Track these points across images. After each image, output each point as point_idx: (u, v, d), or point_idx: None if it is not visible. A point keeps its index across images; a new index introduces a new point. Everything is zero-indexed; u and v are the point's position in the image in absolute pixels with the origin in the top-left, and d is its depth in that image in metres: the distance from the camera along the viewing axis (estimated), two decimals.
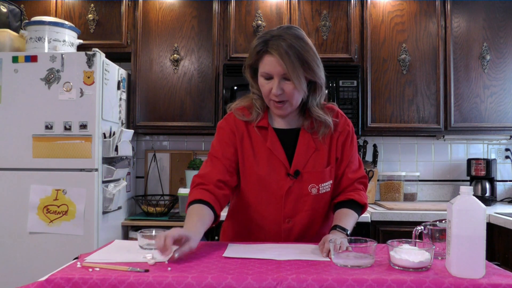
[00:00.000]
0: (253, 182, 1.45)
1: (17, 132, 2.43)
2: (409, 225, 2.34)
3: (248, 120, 1.46)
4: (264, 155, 1.44)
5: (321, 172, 1.43)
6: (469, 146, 3.25)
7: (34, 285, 1.01)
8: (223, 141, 1.47)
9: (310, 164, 1.43)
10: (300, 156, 1.43)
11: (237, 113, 1.47)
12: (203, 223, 1.33)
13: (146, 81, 2.95)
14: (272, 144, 1.43)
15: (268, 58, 1.35)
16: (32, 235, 2.40)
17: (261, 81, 1.40)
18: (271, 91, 1.36)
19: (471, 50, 2.92)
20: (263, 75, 1.38)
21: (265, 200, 1.44)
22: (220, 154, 1.46)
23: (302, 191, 1.42)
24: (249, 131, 1.46)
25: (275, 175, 1.42)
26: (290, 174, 1.41)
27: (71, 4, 3.00)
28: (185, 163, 3.16)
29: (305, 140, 1.44)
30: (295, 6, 2.94)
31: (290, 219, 1.44)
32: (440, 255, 1.20)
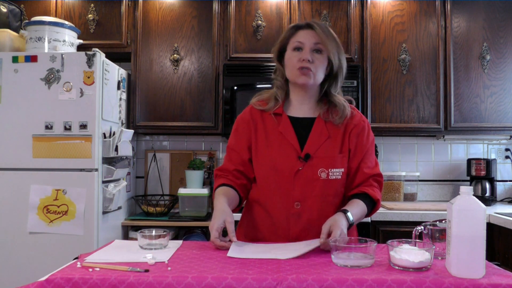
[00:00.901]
0: (264, 167, 1.50)
1: (17, 132, 2.43)
2: (409, 225, 2.34)
3: (265, 109, 1.54)
4: (276, 139, 1.50)
5: (332, 157, 1.46)
6: (469, 146, 3.25)
7: (34, 285, 1.01)
8: (238, 133, 1.57)
9: (322, 150, 1.47)
10: (312, 141, 1.47)
11: (255, 104, 1.57)
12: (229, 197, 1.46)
13: (146, 81, 2.95)
14: (284, 128, 1.49)
15: (303, 31, 1.49)
16: (32, 235, 2.40)
17: (290, 54, 1.50)
18: (299, 60, 1.46)
19: (471, 50, 2.92)
20: (295, 45, 1.48)
21: (275, 183, 1.47)
22: (235, 146, 1.57)
23: (311, 175, 1.45)
24: (264, 118, 1.54)
25: (285, 158, 1.46)
26: (301, 157, 1.45)
27: (71, 4, 3.00)
28: (185, 163, 3.16)
29: (319, 127, 1.50)
30: (295, 6, 2.94)
31: (299, 203, 1.45)
32: (440, 255, 1.20)
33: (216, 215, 1.37)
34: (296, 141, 1.47)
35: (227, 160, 1.58)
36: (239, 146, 1.55)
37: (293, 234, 1.46)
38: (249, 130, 1.54)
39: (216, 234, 1.32)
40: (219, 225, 1.33)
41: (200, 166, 2.89)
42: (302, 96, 1.54)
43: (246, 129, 1.55)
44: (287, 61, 1.51)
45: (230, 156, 1.57)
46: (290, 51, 1.50)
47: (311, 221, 1.45)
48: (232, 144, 1.58)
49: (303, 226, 1.45)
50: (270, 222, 1.49)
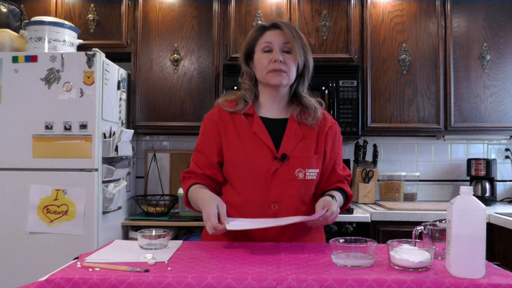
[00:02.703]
0: (239, 168, 1.46)
1: (17, 132, 2.43)
2: (409, 225, 2.34)
3: (234, 111, 1.50)
4: (250, 140, 1.47)
5: (308, 157, 1.47)
6: (469, 146, 3.25)
7: (34, 285, 1.01)
8: (206, 135, 1.53)
9: (298, 150, 1.46)
10: (287, 141, 1.47)
11: (224, 105, 1.53)
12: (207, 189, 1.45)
13: (146, 81, 2.95)
14: (258, 129, 1.47)
15: (271, 31, 1.49)
16: (32, 235, 2.40)
17: (260, 56, 1.48)
18: (270, 61, 1.45)
19: (471, 50, 2.92)
20: (264, 46, 1.47)
21: (251, 185, 1.44)
22: (202, 148, 1.53)
23: (288, 175, 1.44)
24: (234, 120, 1.50)
25: (261, 158, 1.44)
26: (277, 158, 1.44)
27: (71, 4, 3.00)
28: (185, 163, 3.16)
29: (293, 128, 1.49)
30: (295, 6, 2.94)
31: (275, 204, 1.43)
32: (440, 255, 1.20)
33: (206, 204, 1.34)
34: (270, 142, 1.45)
35: (194, 163, 1.53)
36: (207, 148, 1.51)
37: (271, 236, 1.43)
38: (218, 132, 1.50)
39: (216, 220, 1.28)
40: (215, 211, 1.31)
41: None
42: (273, 97, 1.52)
43: (214, 131, 1.50)
44: (258, 63, 1.49)
45: (197, 159, 1.53)
46: (260, 53, 1.48)
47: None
48: (200, 146, 1.54)
49: (281, 227, 1.42)
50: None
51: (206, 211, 1.32)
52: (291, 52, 1.47)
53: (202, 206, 1.37)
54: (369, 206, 2.81)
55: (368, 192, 2.97)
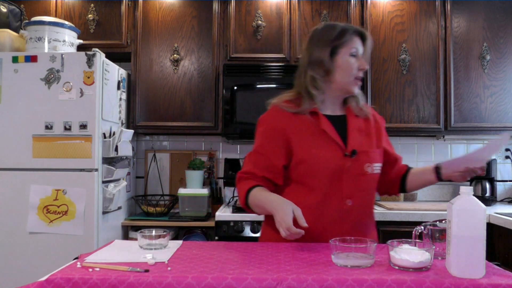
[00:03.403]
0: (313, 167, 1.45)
1: (17, 132, 2.43)
2: (409, 225, 2.33)
3: (298, 111, 1.49)
4: (319, 138, 1.47)
5: (373, 152, 1.51)
6: (469, 146, 3.25)
7: (34, 285, 1.01)
8: (268, 137, 1.50)
9: (363, 145, 1.49)
10: (353, 137, 1.49)
11: (284, 106, 1.51)
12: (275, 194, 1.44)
13: (146, 81, 2.95)
14: (326, 126, 1.48)
15: (357, 38, 1.52)
16: (32, 235, 2.40)
17: (348, 59, 1.50)
18: (359, 69, 1.49)
19: (471, 50, 2.92)
20: (353, 51, 1.50)
21: (326, 183, 1.44)
22: (265, 151, 1.49)
23: (359, 170, 1.47)
24: (299, 119, 1.49)
25: (333, 155, 1.45)
26: (348, 154, 1.45)
27: (71, 4, 3.00)
28: (185, 163, 3.16)
29: (354, 124, 1.52)
30: (295, 6, 2.94)
31: (350, 200, 1.46)
32: (440, 255, 1.20)
33: (280, 207, 1.32)
34: (339, 139, 1.47)
35: (253, 164, 1.50)
36: (272, 151, 1.48)
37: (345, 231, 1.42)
38: (284, 134, 1.47)
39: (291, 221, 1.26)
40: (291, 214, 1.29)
41: (200, 166, 2.89)
42: (338, 97, 1.55)
43: (279, 133, 1.48)
44: (345, 65, 1.48)
45: (256, 161, 1.50)
46: (348, 56, 1.49)
47: (360, 216, 1.48)
48: (261, 148, 1.50)
49: (353, 222, 1.46)
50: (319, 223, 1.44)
51: (280, 214, 1.30)
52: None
53: (273, 209, 1.35)
54: None
55: None
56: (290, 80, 2.90)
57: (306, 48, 1.55)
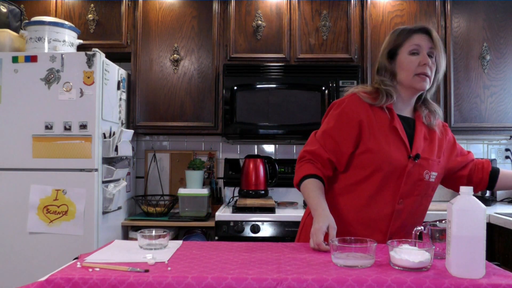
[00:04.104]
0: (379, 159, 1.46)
1: (17, 132, 2.43)
2: None
3: (375, 103, 1.50)
4: (390, 134, 1.49)
5: (433, 160, 1.52)
6: (469, 146, 3.25)
7: (34, 285, 1.01)
8: (343, 122, 1.50)
9: (425, 151, 1.50)
10: (418, 142, 1.50)
11: (364, 96, 1.52)
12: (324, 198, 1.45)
13: (146, 81, 2.95)
14: (398, 125, 1.50)
15: (418, 35, 1.51)
16: (32, 235, 2.40)
17: (407, 58, 1.51)
18: (419, 65, 1.48)
19: (471, 50, 2.92)
20: (412, 49, 1.50)
21: (387, 177, 1.46)
22: (335, 134, 1.50)
23: (418, 175, 1.48)
24: (375, 112, 1.50)
25: (399, 154, 1.47)
26: (411, 156, 1.46)
27: (71, 4, 3.00)
28: (185, 163, 3.16)
29: (421, 130, 1.53)
30: (295, 6, 2.94)
31: (402, 201, 1.46)
32: (440, 255, 1.20)
33: (319, 219, 1.35)
34: (407, 139, 1.48)
35: (320, 145, 1.51)
36: (342, 136, 1.49)
37: (392, 230, 1.46)
38: (358, 121, 1.48)
39: (322, 237, 1.30)
40: (324, 229, 1.32)
41: (200, 166, 2.89)
42: (407, 98, 1.55)
43: (355, 120, 1.48)
44: (404, 65, 1.51)
45: (325, 142, 1.51)
46: (406, 55, 1.51)
47: (407, 219, 1.48)
48: (333, 131, 1.50)
49: (401, 223, 1.47)
50: (367, 216, 1.46)
51: (316, 226, 1.34)
52: (433, 56, 1.50)
53: (314, 216, 1.39)
54: None
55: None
56: (290, 80, 2.92)
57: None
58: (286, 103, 2.80)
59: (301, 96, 2.82)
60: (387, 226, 1.47)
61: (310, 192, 1.46)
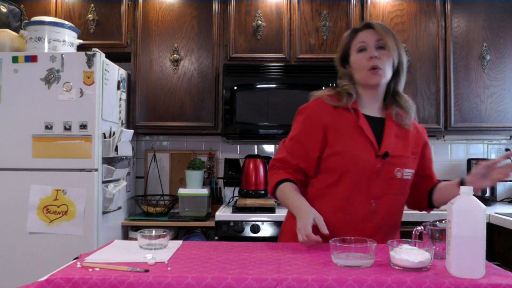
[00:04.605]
0: (345, 161, 1.46)
1: (17, 132, 2.43)
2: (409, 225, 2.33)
3: (338, 105, 1.50)
4: (355, 134, 1.48)
5: (405, 157, 1.49)
6: (469, 146, 3.25)
7: (34, 285, 1.01)
8: (308, 127, 1.52)
9: (396, 149, 1.48)
10: (388, 140, 1.48)
11: (327, 98, 1.53)
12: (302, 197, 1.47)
13: (146, 81, 2.95)
14: (363, 124, 1.49)
15: (363, 32, 1.52)
16: (32, 235, 2.40)
17: (356, 57, 1.51)
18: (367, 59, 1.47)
19: (471, 50, 2.92)
20: (359, 46, 1.50)
21: (356, 180, 1.45)
22: (302, 139, 1.52)
23: (388, 173, 1.46)
24: (339, 114, 1.50)
25: (366, 154, 1.45)
26: (380, 155, 1.45)
27: (71, 4, 3.00)
28: (185, 163, 3.16)
29: (391, 127, 1.51)
30: (295, 6, 2.94)
31: (375, 202, 1.45)
32: (440, 255, 1.20)
33: (304, 214, 1.36)
34: (374, 139, 1.47)
35: (288, 152, 1.52)
36: (309, 140, 1.50)
37: (367, 231, 1.44)
38: (323, 125, 1.49)
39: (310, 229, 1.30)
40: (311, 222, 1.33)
41: (200, 166, 2.89)
42: (371, 96, 1.54)
43: (318, 123, 1.49)
44: (355, 64, 1.51)
45: (292, 149, 1.52)
46: (355, 54, 1.51)
47: (384, 219, 1.47)
48: (299, 137, 1.52)
49: (377, 223, 1.46)
50: (342, 219, 1.45)
51: (302, 222, 1.34)
52: (385, 48, 1.48)
53: (296, 214, 1.40)
54: None
55: None
56: (290, 80, 2.92)
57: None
58: (286, 103, 2.80)
59: (301, 96, 2.81)
60: (362, 228, 1.45)
61: (288, 194, 1.48)
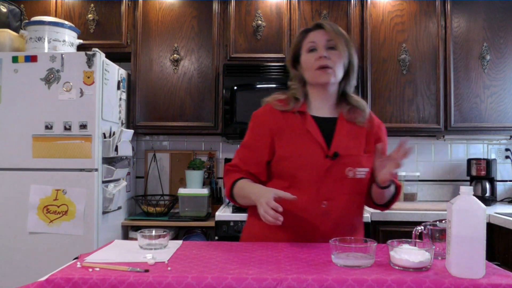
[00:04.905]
0: (293, 165, 1.47)
1: (17, 132, 2.43)
2: (409, 225, 2.32)
3: (286, 110, 1.52)
4: (302, 137, 1.48)
5: (358, 156, 1.48)
6: (469, 146, 3.25)
7: (34, 285, 1.01)
8: (256, 132, 1.54)
9: (348, 149, 1.47)
10: (338, 140, 1.48)
11: (275, 104, 1.54)
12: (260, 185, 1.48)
13: (146, 81, 2.95)
14: (310, 126, 1.49)
15: (313, 32, 1.52)
16: (32, 235, 2.40)
17: (306, 56, 1.51)
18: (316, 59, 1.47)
19: (471, 50, 2.92)
20: (308, 46, 1.50)
21: (304, 182, 1.45)
22: (252, 145, 1.54)
23: (339, 173, 1.45)
24: (286, 118, 1.51)
25: (314, 156, 1.45)
26: (329, 155, 1.44)
27: (71, 4, 3.00)
28: (185, 163, 3.16)
29: (343, 127, 1.51)
30: (295, 6, 2.94)
31: (326, 203, 1.44)
32: (440, 255, 1.20)
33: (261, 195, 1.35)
34: (322, 140, 1.47)
35: (239, 158, 1.55)
36: (257, 146, 1.52)
37: (321, 234, 1.44)
38: (270, 130, 1.50)
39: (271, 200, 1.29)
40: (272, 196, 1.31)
41: (200, 166, 2.89)
42: (322, 96, 1.54)
43: (266, 129, 1.51)
44: (305, 64, 1.52)
45: (243, 155, 1.55)
46: (305, 54, 1.52)
47: (338, 220, 1.46)
48: (248, 143, 1.55)
49: (331, 225, 1.45)
50: (296, 222, 1.45)
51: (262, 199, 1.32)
52: (335, 48, 1.48)
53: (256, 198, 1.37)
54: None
55: None
56: None
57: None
58: None
59: None
60: (316, 229, 1.44)
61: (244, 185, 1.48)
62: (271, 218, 1.28)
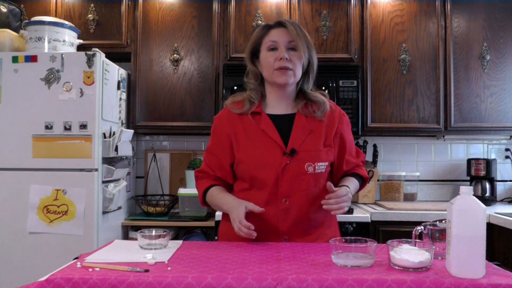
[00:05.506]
0: (250, 166, 1.48)
1: (17, 132, 2.43)
2: (409, 225, 2.33)
3: (242, 112, 1.53)
4: (258, 138, 1.49)
5: (317, 151, 1.48)
6: (469, 146, 3.25)
7: (34, 285, 1.01)
8: (216, 137, 1.58)
9: (307, 144, 1.48)
10: (295, 136, 1.48)
11: (232, 107, 1.56)
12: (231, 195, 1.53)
13: (146, 81, 2.95)
14: (266, 126, 1.50)
15: (275, 30, 1.50)
16: (32, 235, 2.40)
17: (266, 54, 1.50)
18: (276, 59, 1.47)
19: (471, 50, 2.92)
20: (269, 45, 1.49)
21: (263, 181, 1.47)
22: (214, 150, 1.58)
23: (298, 169, 1.46)
24: (243, 121, 1.53)
25: (271, 155, 1.46)
26: (286, 153, 1.45)
27: (71, 4, 3.00)
28: (185, 163, 3.16)
29: (300, 122, 1.51)
30: (295, 6, 2.94)
31: (286, 199, 1.46)
32: (440, 255, 1.20)
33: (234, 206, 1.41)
34: (278, 137, 1.47)
35: (206, 163, 1.60)
36: (218, 151, 1.56)
37: (283, 230, 1.46)
38: (228, 134, 1.53)
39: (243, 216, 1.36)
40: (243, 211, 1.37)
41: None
42: (280, 95, 1.54)
43: (224, 133, 1.54)
44: (264, 62, 1.51)
45: (209, 160, 1.59)
46: (265, 52, 1.51)
47: (300, 216, 1.47)
48: (211, 148, 1.60)
49: (293, 221, 1.46)
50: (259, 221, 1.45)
51: (235, 212, 1.39)
52: (296, 49, 1.48)
53: (228, 209, 1.45)
54: (369, 206, 2.81)
55: (368, 192, 2.97)
56: None
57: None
58: None
59: None
60: (277, 227, 1.46)
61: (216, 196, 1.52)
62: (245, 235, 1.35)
